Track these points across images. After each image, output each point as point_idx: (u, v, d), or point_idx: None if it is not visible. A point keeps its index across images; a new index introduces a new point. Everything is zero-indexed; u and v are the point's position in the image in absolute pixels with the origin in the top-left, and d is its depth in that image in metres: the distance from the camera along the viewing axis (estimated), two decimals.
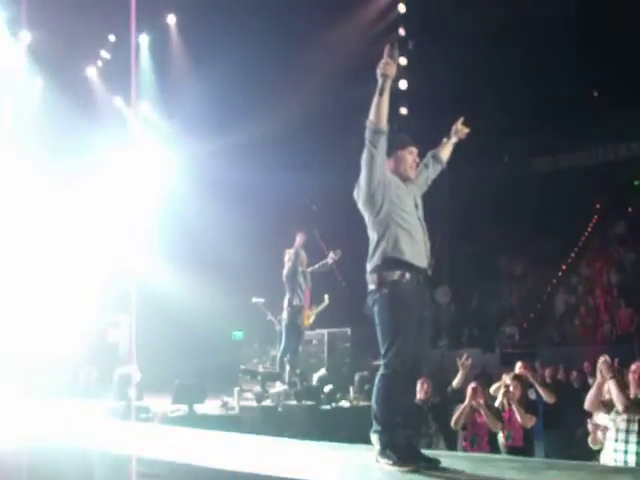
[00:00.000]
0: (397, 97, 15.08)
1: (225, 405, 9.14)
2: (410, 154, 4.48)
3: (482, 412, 6.64)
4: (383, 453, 4.01)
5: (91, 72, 14.29)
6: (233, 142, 13.00)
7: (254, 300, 10.86)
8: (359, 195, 4.28)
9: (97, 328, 12.21)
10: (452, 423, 6.76)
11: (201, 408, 8.81)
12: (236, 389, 9.48)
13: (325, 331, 11.53)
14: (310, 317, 10.16)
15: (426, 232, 4.31)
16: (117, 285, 12.02)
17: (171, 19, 14.06)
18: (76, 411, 8.10)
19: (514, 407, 6.61)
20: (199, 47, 13.63)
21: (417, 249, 4.20)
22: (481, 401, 6.70)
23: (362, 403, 9.50)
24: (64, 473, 5.31)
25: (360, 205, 4.29)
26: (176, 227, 13.50)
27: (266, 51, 13.06)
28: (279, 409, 8.92)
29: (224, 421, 8.39)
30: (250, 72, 13.29)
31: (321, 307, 10.46)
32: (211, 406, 9.15)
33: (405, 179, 4.40)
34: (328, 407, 9.20)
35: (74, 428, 6.71)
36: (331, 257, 9.80)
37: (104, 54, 14.31)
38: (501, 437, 6.67)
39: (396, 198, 4.21)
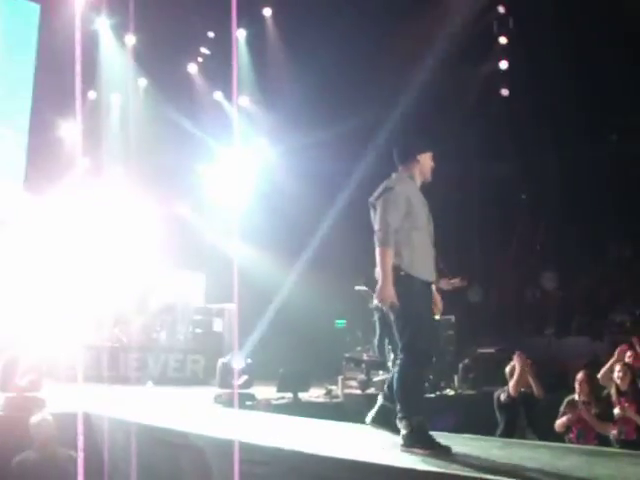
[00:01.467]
0: (497, 78, 14.65)
1: (329, 393, 9.18)
2: (431, 159, 4.60)
3: (591, 423, 6.43)
4: (411, 438, 4.18)
5: (192, 68, 14.65)
6: (331, 134, 12.97)
7: (357, 288, 10.85)
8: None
9: (203, 318, 12.52)
10: (557, 427, 6.61)
11: (305, 396, 8.89)
12: (340, 377, 9.51)
13: None
14: None
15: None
16: (221, 275, 12.28)
17: (267, 12, 14.20)
18: (185, 398, 8.35)
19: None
20: (295, 39, 13.69)
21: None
22: (591, 410, 6.49)
23: (467, 391, 9.33)
24: (175, 458, 5.47)
25: None
26: (278, 218, 13.66)
27: (362, 40, 12.95)
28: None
29: (328, 409, 8.43)
30: (346, 62, 13.21)
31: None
32: (315, 394, 9.21)
33: (425, 182, 4.59)
34: (432, 395, 9.07)
35: (183, 414, 6.92)
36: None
37: (204, 50, 14.63)
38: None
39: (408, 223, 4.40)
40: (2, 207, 12.24)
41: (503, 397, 7.24)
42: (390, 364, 9.14)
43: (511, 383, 7.17)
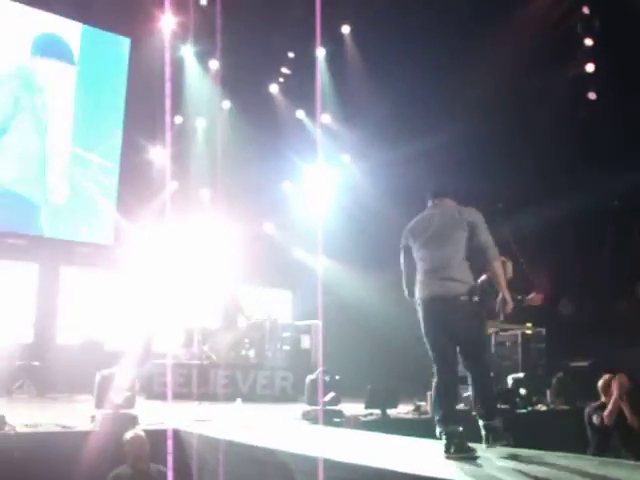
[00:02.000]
0: (584, 81, 14.20)
1: (418, 409, 9.05)
2: None
3: None
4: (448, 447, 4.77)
5: (273, 89, 14.91)
6: (414, 150, 12.85)
7: None
8: None
9: (291, 334, 12.63)
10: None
11: (394, 412, 8.80)
12: (429, 393, 9.34)
13: (519, 332, 11.08)
14: (487, 328, 9.63)
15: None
16: (308, 292, 12.38)
17: (345, 29, 14.31)
18: (273, 415, 8.41)
19: None
20: (375, 54, 13.69)
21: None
22: None
23: (560, 407, 9.01)
24: (262, 474, 5.52)
25: None
26: (363, 235, 13.66)
27: (444, 52, 12.82)
28: (473, 413, 8.67)
29: (417, 425, 8.29)
30: (428, 75, 13.10)
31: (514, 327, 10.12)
32: (404, 410, 9.11)
33: None
34: (524, 411, 8.82)
35: (271, 431, 6.98)
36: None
37: (284, 70, 14.88)
38: None
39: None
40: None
41: (596, 420, 6.96)
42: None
43: (606, 411, 6.87)
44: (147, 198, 13.06)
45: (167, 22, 13.39)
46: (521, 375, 9.71)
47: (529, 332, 10.34)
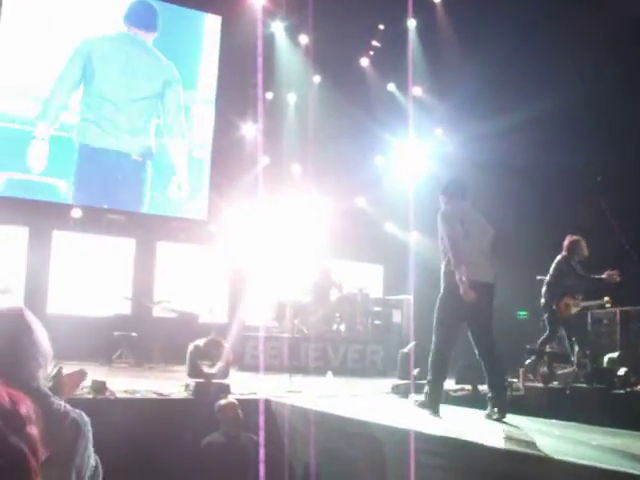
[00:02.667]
0: None
1: (510, 386, 8.86)
2: None
3: None
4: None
5: (364, 62, 14.78)
6: (509, 122, 12.45)
7: (538, 278, 10.44)
8: None
9: (382, 309, 12.61)
10: None
11: (485, 388, 8.65)
12: (521, 370, 9.17)
13: (617, 309, 10.65)
14: (570, 308, 9.29)
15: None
16: (399, 267, 12.31)
17: None
18: (363, 388, 8.44)
19: None
20: (467, 24, 13.31)
21: None
22: None
23: None
24: (352, 445, 5.55)
25: None
26: None
27: (539, 22, 12.32)
28: (567, 392, 8.44)
29: (508, 402, 8.14)
30: (522, 46, 12.62)
31: (591, 304, 9.76)
32: None
33: None
34: (622, 392, 8.48)
35: (361, 403, 7.00)
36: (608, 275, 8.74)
37: (375, 43, 14.71)
38: None
39: None
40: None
41: None
42: (574, 358, 8.68)
43: None
44: (239, 174, 13.28)
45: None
46: (619, 354, 9.35)
47: (608, 306, 9.94)
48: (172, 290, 11.61)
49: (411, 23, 14.19)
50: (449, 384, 8.75)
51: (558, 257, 9.24)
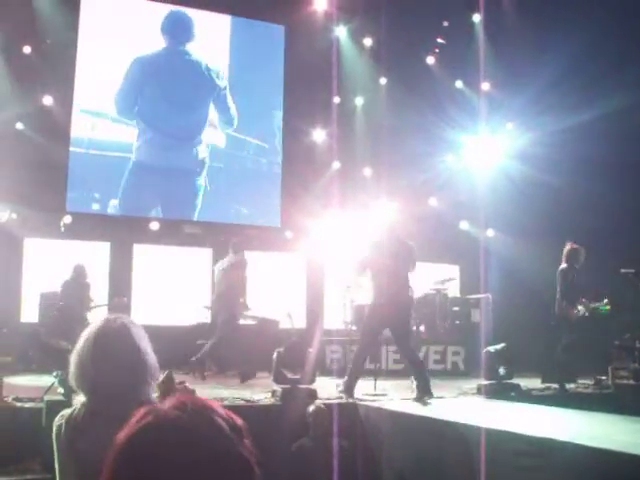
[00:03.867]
0: None
1: (599, 383, 8.66)
2: None
3: None
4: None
5: (430, 60, 14.65)
6: (583, 117, 12.11)
7: (623, 271, 10.13)
8: None
9: (461, 309, 12.46)
10: None
11: (572, 387, 8.48)
12: (610, 367, 8.93)
13: None
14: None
15: None
16: (476, 266, 12.15)
17: None
18: (447, 389, 8.36)
19: None
20: (536, 15, 13.00)
21: None
22: None
23: None
24: (441, 447, 5.51)
25: None
26: (530, 205, 13.13)
27: (614, 14, 11.91)
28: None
29: (597, 400, 7.96)
30: (595, 38, 12.22)
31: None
32: (583, 385, 8.76)
33: None
34: None
35: (447, 404, 6.95)
36: None
37: (440, 40, 14.58)
38: None
39: None
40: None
41: None
42: None
43: None
44: (311, 179, 13.37)
45: (320, 5, 13.58)
46: None
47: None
48: (250, 297, 11.75)
49: (476, 17, 14.02)
50: (535, 383, 8.63)
51: (562, 266, 9.26)
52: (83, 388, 2.29)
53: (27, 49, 11.76)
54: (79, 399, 2.31)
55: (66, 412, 2.35)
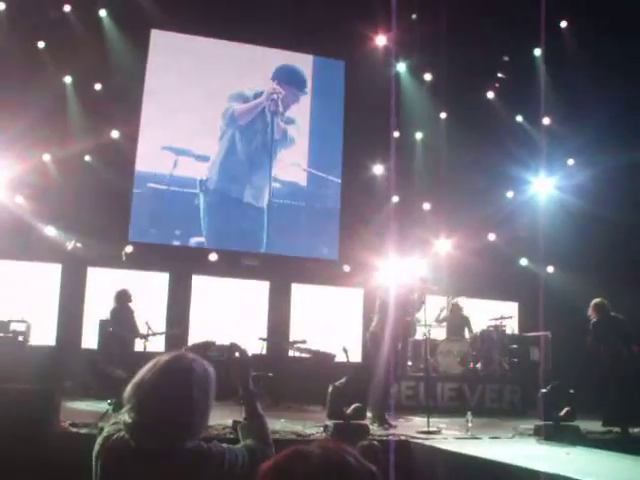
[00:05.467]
0: None
1: None
2: None
3: None
4: None
5: (490, 94, 14.59)
6: None
7: None
8: None
9: (519, 346, 12.21)
10: None
11: (636, 431, 8.16)
12: None
13: None
14: None
15: None
16: (535, 303, 11.92)
17: (563, 23, 13.60)
18: (502, 429, 8.18)
19: None
20: (598, 49, 12.80)
21: None
22: None
23: None
24: None
25: None
26: (590, 242, 12.86)
27: None
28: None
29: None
30: None
31: None
32: None
33: None
34: None
35: (504, 444, 6.79)
36: None
37: (500, 75, 14.53)
38: None
39: None
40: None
41: None
42: None
43: None
44: (369, 213, 13.39)
45: (380, 41, 13.73)
46: None
47: None
48: (307, 330, 11.78)
49: (537, 52, 13.94)
50: (596, 426, 8.34)
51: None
52: (129, 409, 2.32)
53: (98, 86, 12.24)
54: (124, 418, 2.34)
55: (109, 431, 2.40)
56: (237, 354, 2.87)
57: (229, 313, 12.35)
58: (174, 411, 2.29)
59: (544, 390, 7.83)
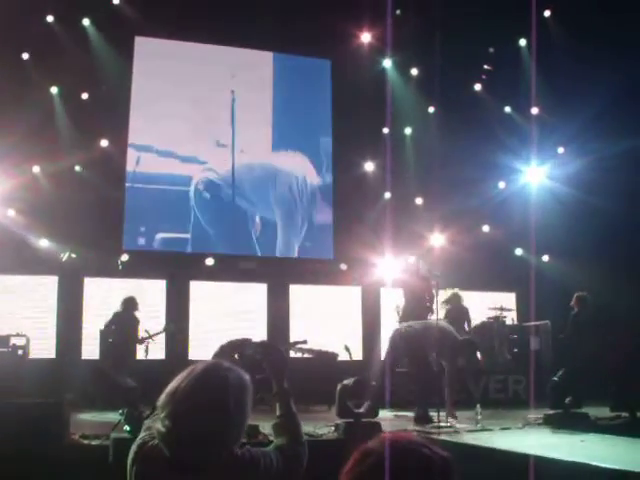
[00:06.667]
0: None
1: None
2: None
3: None
4: None
5: (477, 87, 14.60)
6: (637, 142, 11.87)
7: None
8: None
9: (519, 337, 12.24)
10: None
11: None
12: None
13: None
14: None
15: None
16: (531, 293, 11.93)
17: (547, 12, 13.60)
18: (511, 419, 8.20)
19: None
20: (585, 37, 12.81)
21: None
22: None
23: None
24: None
25: None
26: (583, 230, 12.91)
27: None
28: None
29: None
30: None
31: None
32: None
33: None
34: None
35: (518, 436, 6.80)
36: None
37: (486, 67, 14.55)
38: None
39: None
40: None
41: None
42: None
43: None
44: (363, 211, 13.38)
45: (366, 38, 13.72)
46: None
47: None
48: (307, 331, 11.74)
49: (522, 42, 13.98)
50: (603, 411, 8.38)
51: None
52: (164, 417, 2.26)
53: (84, 95, 12.16)
54: (157, 425, 2.28)
55: (144, 437, 2.37)
56: (273, 353, 2.81)
57: (228, 317, 12.29)
58: (209, 422, 2.22)
59: (555, 378, 7.85)
